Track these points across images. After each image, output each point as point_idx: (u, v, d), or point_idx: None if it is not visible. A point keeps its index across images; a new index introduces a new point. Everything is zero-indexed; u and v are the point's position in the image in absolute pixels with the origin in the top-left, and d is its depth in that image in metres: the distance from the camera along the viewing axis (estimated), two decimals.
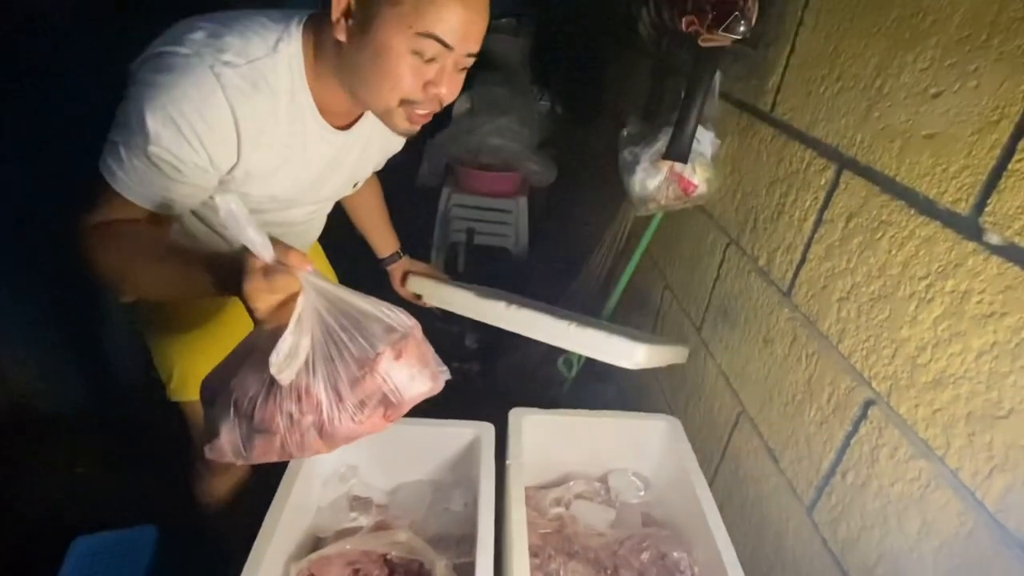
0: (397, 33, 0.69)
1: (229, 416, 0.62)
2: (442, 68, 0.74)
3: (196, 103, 0.69)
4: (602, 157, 1.83)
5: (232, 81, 0.70)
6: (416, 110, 0.77)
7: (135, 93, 0.69)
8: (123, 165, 0.70)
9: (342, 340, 0.60)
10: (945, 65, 0.68)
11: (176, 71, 0.68)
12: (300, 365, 0.58)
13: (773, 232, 1.02)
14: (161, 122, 0.68)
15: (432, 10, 0.68)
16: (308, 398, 0.59)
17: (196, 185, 0.76)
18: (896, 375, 0.72)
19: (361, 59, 0.72)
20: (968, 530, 0.61)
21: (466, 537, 0.96)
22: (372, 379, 0.60)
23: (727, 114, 1.20)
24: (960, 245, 0.65)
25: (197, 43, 0.70)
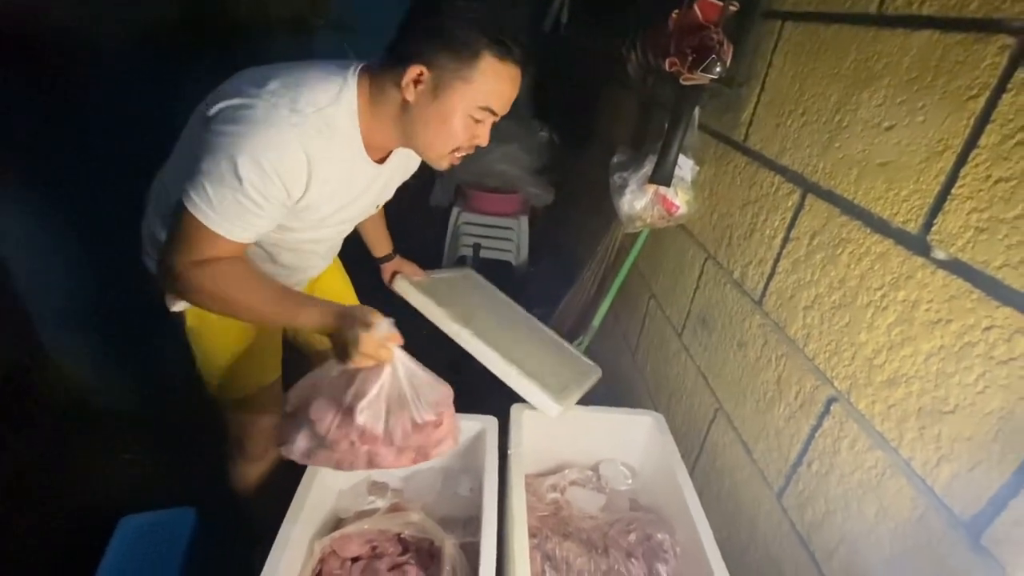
0: (462, 103, 0.80)
1: (306, 429, 0.77)
2: (485, 126, 0.85)
3: (279, 149, 0.74)
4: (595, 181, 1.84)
5: (305, 129, 0.75)
6: (458, 155, 0.88)
7: (221, 143, 0.73)
8: (213, 206, 0.74)
9: (405, 402, 0.77)
10: (897, 102, 0.70)
11: (258, 122, 0.73)
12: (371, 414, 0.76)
13: (746, 248, 1.03)
14: (251, 167, 0.72)
15: (495, 90, 0.81)
16: (369, 435, 0.75)
17: (273, 216, 0.81)
18: (855, 375, 0.73)
19: (426, 117, 0.81)
20: (920, 513, 0.62)
21: (472, 519, 0.96)
22: (417, 437, 0.78)
23: (705, 144, 1.21)
24: (910, 260, 0.66)
25: (274, 95, 0.75)
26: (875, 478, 0.68)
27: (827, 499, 0.77)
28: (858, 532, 0.70)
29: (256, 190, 0.74)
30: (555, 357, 1.35)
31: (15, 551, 1.30)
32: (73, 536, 1.31)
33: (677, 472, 1.00)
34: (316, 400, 0.77)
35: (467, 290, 1.44)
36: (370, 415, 0.75)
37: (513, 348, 1.17)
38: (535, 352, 1.28)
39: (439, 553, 0.90)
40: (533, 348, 1.31)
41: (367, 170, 0.90)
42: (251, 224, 0.78)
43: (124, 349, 1.80)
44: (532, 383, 1.07)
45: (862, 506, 0.70)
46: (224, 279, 0.77)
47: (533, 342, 1.36)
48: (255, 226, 0.78)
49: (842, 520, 0.74)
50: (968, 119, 0.60)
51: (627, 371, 1.61)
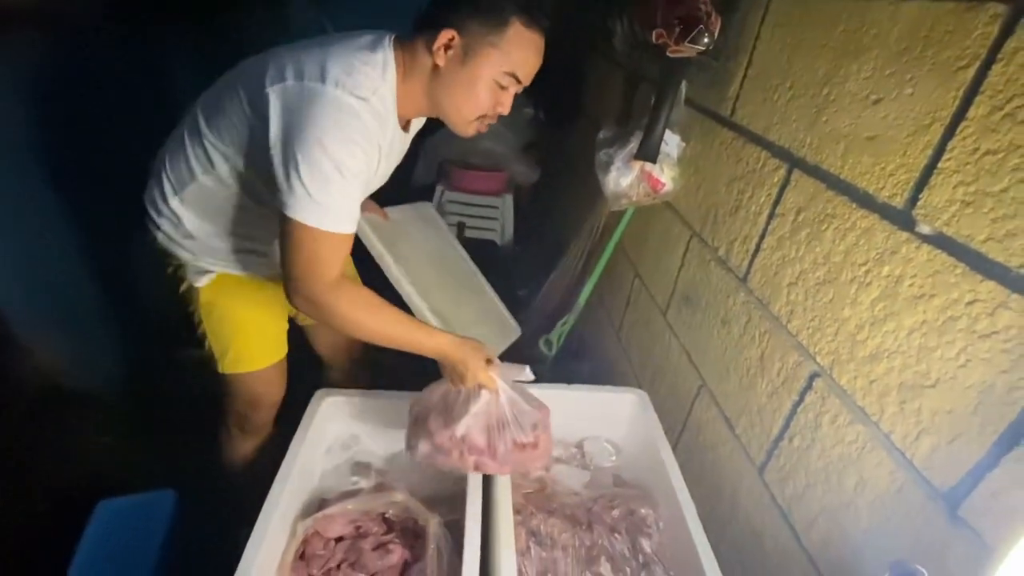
0: (491, 68, 0.83)
1: (426, 438, 0.88)
2: (509, 94, 0.87)
3: (359, 125, 0.78)
4: (580, 158, 1.82)
5: (371, 114, 0.80)
6: (483, 122, 0.90)
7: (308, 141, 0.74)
8: (322, 207, 0.76)
9: (507, 424, 0.87)
10: (885, 74, 0.69)
11: (333, 110, 0.75)
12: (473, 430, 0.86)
13: (731, 225, 1.02)
14: (343, 146, 0.75)
15: (521, 57, 0.83)
16: (475, 448, 0.86)
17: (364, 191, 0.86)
18: (838, 350, 0.73)
19: (456, 82, 0.84)
20: (899, 486, 0.62)
21: (457, 497, 0.96)
22: (517, 455, 0.86)
23: (692, 119, 1.20)
24: (895, 235, 0.66)
25: (340, 79, 0.77)
26: (855, 452, 0.69)
27: (808, 473, 0.77)
28: (837, 505, 0.71)
29: (352, 172, 0.77)
30: (480, 310, 1.45)
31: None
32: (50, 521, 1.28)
33: (660, 448, 1.00)
34: (433, 414, 0.89)
35: (419, 232, 1.50)
36: (471, 430, 0.85)
37: (448, 304, 1.27)
38: (465, 307, 1.38)
39: (424, 532, 0.90)
40: (464, 301, 1.40)
41: (399, 139, 0.93)
42: (353, 212, 0.81)
43: (98, 332, 1.75)
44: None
45: (842, 479, 0.71)
46: (370, 304, 0.84)
47: (465, 295, 1.45)
48: (355, 211, 0.82)
49: (822, 493, 0.74)
50: (957, 90, 0.59)
51: (612, 349, 1.62)
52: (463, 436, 0.85)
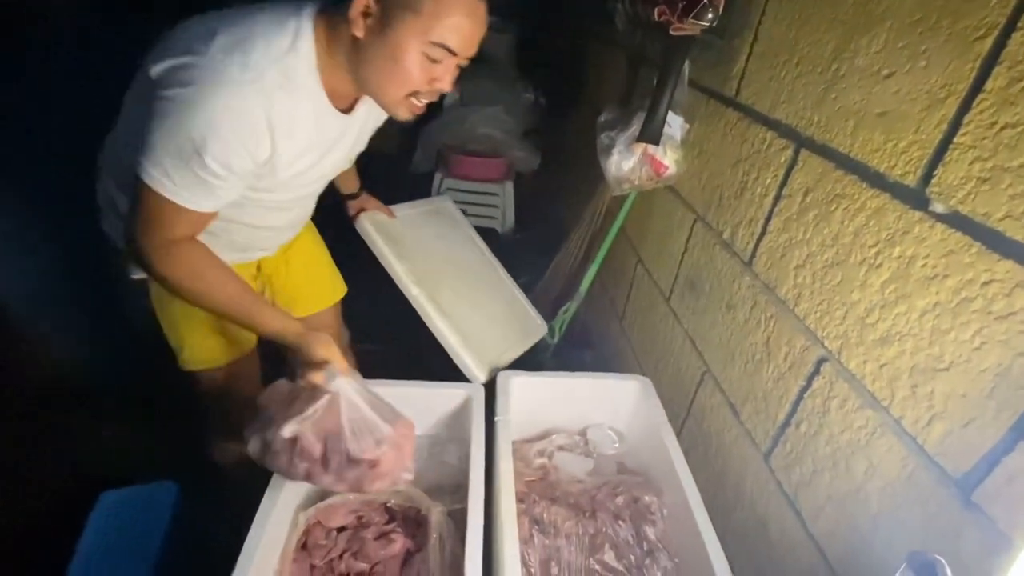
0: (413, 38, 0.71)
1: (260, 434, 0.78)
2: (446, 67, 0.76)
3: (235, 111, 0.67)
4: (581, 143, 1.79)
5: (261, 85, 0.69)
6: (417, 101, 0.79)
7: (172, 110, 0.66)
8: (170, 176, 0.69)
9: (344, 435, 0.75)
10: (898, 47, 0.66)
11: (209, 83, 0.66)
12: (303, 431, 0.75)
13: (736, 208, 1.00)
14: (208, 134, 0.66)
15: (447, 23, 0.71)
16: (307, 455, 0.75)
17: (241, 181, 0.75)
18: (847, 334, 0.72)
19: (377, 55, 0.73)
20: (909, 472, 0.61)
21: (459, 486, 0.95)
22: (353, 471, 0.76)
23: (695, 100, 1.17)
24: (907, 215, 0.63)
25: (223, 50, 0.67)
26: (864, 437, 0.68)
27: (815, 459, 0.76)
28: (845, 491, 0.70)
29: (217, 161, 0.69)
30: (504, 312, 1.39)
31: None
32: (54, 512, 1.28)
33: (664, 435, 0.99)
34: (272, 408, 0.78)
35: (432, 229, 1.43)
36: (305, 435, 0.74)
37: (462, 305, 1.21)
38: (484, 306, 1.32)
39: (426, 521, 0.89)
40: (484, 300, 1.34)
41: (334, 123, 0.83)
42: (215, 193, 0.73)
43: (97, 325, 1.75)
44: (464, 352, 1.14)
45: (850, 465, 0.70)
46: (193, 269, 0.75)
47: (485, 293, 1.39)
48: (220, 195, 0.74)
49: (830, 480, 0.73)
50: (974, 62, 0.56)
51: (614, 336, 1.60)
52: (295, 439, 0.75)
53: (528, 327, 1.43)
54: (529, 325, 1.44)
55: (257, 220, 0.94)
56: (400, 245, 1.23)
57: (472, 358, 1.15)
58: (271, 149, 0.74)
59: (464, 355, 1.15)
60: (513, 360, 1.24)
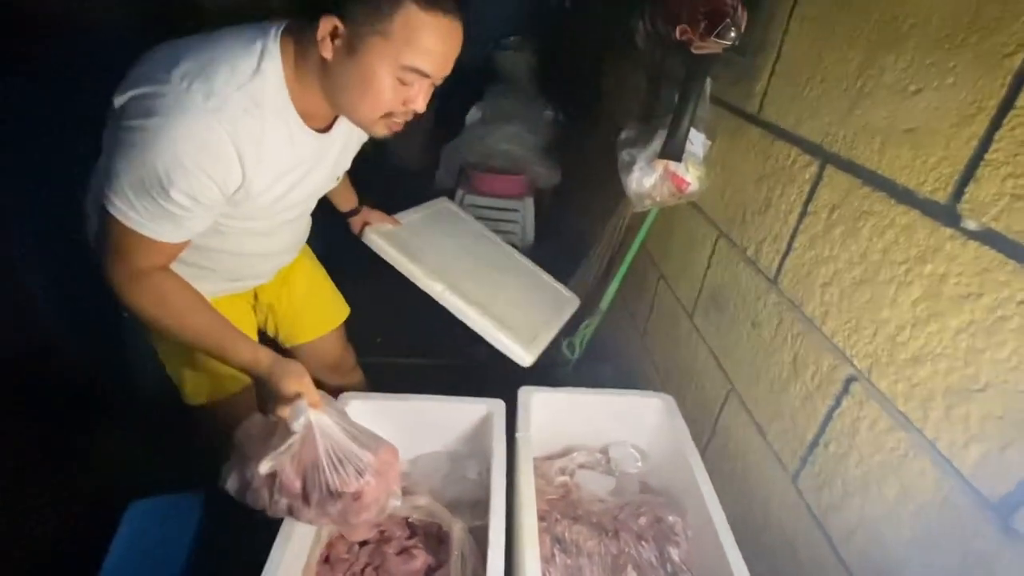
0: (383, 62, 0.68)
1: (237, 471, 0.75)
2: (419, 89, 0.74)
3: (199, 142, 0.65)
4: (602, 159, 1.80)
5: (226, 113, 0.66)
6: (392, 121, 0.77)
7: (134, 139, 0.64)
8: (135, 208, 0.67)
9: (322, 468, 0.72)
10: (925, 64, 0.66)
11: (172, 113, 0.64)
12: (280, 465, 0.71)
13: (760, 224, 0.99)
14: (172, 167, 0.64)
15: (418, 48, 0.68)
16: (288, 490, 0.72)
17: (209, 212, 0.74)
18: (877, 353, 0.70)
19: (347, 78, 0.71)
20: (944, 495, 0.59)
21: (480, 502, 0.95)
22: (333, 505, 0.73)
23: (717, 117, 1.17)
24: (938, 232, 0.63)
25: (185, 78, 0.65)
26: (896, 460, 0.66)
27: (845, 481, 0.74)
28: (878, 515, 0.68)
29: (183, 193, 0.67)
30: (532, 292, 1.39)
31: (28, 535, 1.31)
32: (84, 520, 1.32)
33: (688, 454, 0.98)
34: (248, 444, 0.75)
35: (440, 229, 1.43)
36: (284, 470, 0.72)
37: (488, 292, 1.20)
38: (511, 290, 1.32)
39: (447, 537, 0.89)
40: (509, 284, 1.34)
41: (310, 142, 0.80)
42: (183, 225, 0.71)
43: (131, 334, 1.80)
44: (505, 335, 1.12)
45: (882, 488, 0.68)
46: (162, 299, 0.73)
47: (509, 278, 1.39)
48: (188, 226, 0.72)
49: (861, 503, 0.71)
50: (1004, 78, 0.56)
51: (636, 353, 1.59)
52: (274, 475, 0.72)
53: (560, 301, 1.41)
54: (560, 299, 1.42)
55: (244, 248, 0.91)
56: (412, 249, 1.23)
57: (512, 339, 1.14)
58: (241, 177, 0.72)
59: (503, 337, 1.13)
60: (554, 335, 1.24)
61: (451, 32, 0.70)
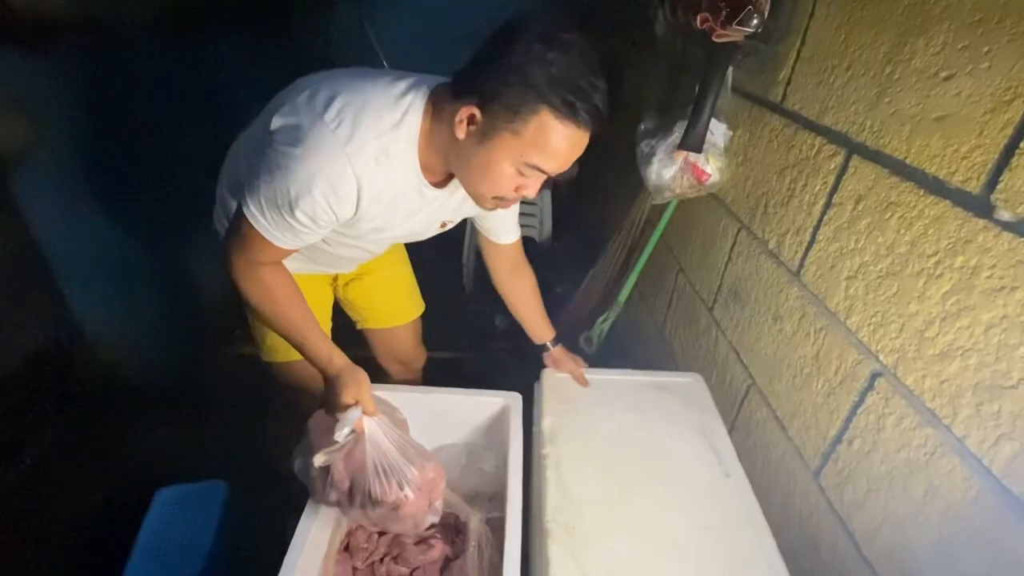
0: (509, 156, 0.73)
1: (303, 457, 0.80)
2: (535, 180, 0.78)
3: (330, 179, 0.73)
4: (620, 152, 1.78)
5: (359, 158, 0.74)
6: (504, 201, 0.82)
7: (279, 162, 0.74)
8: (264, 215, 0.77)
9: (369, 476, 0.76)
10: (957, 48, 0.63)
11: (314, 148, 0.72)
12: (336, 467, 0.77)
13: (783, 216, 0.97)
14: (302, 194, 0.73)
15: (545, 151, 0.72)
16: (337, 487, 0.77)
17: (322, 231, 0.82)
18: (903, 348, 0.69)
19: (472, 160, 0.76)
20: (974, 494, 0.58)
21: (497, 494, 0.96)
22: (375, 510, 0.77)
23: (739, 107, 1.15)
24: (970, 223, 0.61)
25: (335, 118, 0.73)
26: (924, 457, 0.64)
27: (869, 478, 0.73)
28: (903, 513, 0.67)
29: (305, 215, 0.76)
30: None
31: (58, 522, 1.36)
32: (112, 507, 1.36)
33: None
34: (313, 433, 0.81)
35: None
36: (336, 467, 0.77)
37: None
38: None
39: (465, 528, 0.90)
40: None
41: (425, 192, 0.86)
42: (300, 237, 0.81)
43: (158, 327, 1.85)
44: None
45: (908, 486, 0.66)
46: (267, 290, 0.83)
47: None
48: (304, 238, 0.82)
49: (885, 500, 0.70)
50: None
51: (654, 347, 1.58)
52: (328, 470, 0.78)
53: None
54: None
55: (339, 251, 1.00)
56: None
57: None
58: (355, 210, 0.80)
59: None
60: None
61: (579, 140, 0.73)
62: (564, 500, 0.85)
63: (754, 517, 0.84)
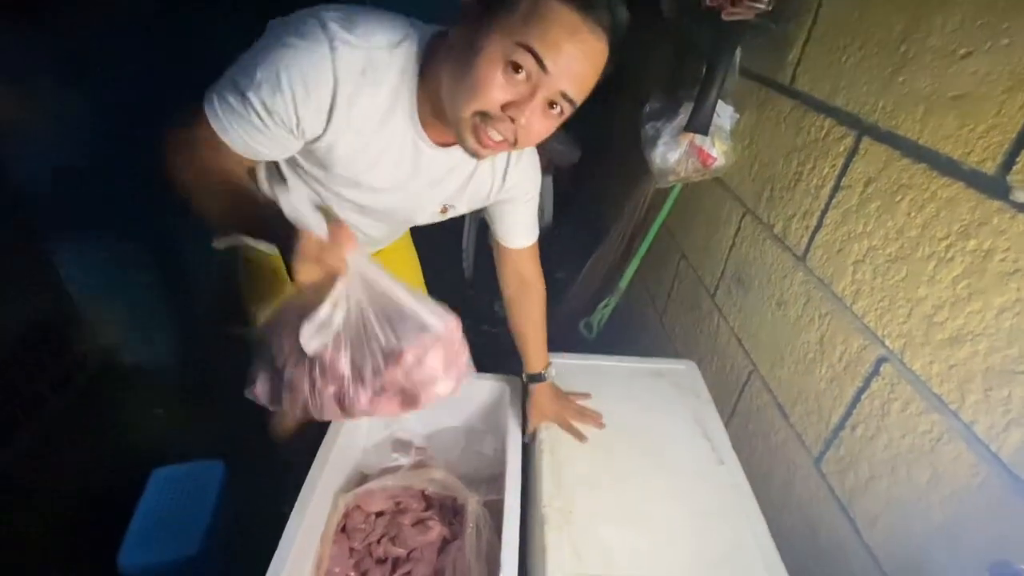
0: (499, 38, 0.61)
1: (267, 368, 0.61)
2: (528, 93, 0.63)
3: (304, 67, 0.65)
4: (624, 135, 1.76)
5: (344, 59, 0.66)
6: (487, 129, 0.66)
7: (260, 43, 0.67)
8: (222, 100, 0.67)
9: (374, 329, 0.57)
10: (976, 25, 0.62)
11: (298, 35, 0.65)
12: (328, 340, 0.56)
13: (789, 200, 0.96)
14: (268, 74, 0.65)
15: (539, 25, 0.60)
16: (332, 372, 0.57)
17: (277, 141, 0.71)
18: (911, 333, 0.67)
19: (458, 55, 0.65)
20: (980, 481, 0.57)
21: (496, 477, 0.95)
22: (392, 372, 0.58)
23: (746, 88, 1.13)
24: (984, 204, 0.59)
25: (328, 17, 0.67)
26: (929, 443, 0.64)
27: (871, 464, 0.72)
28: (906, 499, 0.66)
29: (261, 101, 0.66)
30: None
31: (53, 502, 1.36)
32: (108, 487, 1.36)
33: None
34: (274, 336, 0.61)
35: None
36: (322, 344, 0.57)
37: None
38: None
39: (463, 510, 0.89)
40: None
41: (421, 145, 0.77)
42: (247, 133, 0.69)
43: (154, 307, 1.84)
44: None
45: (912, 472, 0.66)
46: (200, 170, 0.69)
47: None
48: (251, 139, 0.70)
49: (888, 486, 0.69)
50: None
51: (655, 333, 1.57)
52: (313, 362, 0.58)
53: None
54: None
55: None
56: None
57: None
58: (323, 127, 0.71)
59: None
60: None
61: (584, 40, 0.61)
62: (559, 485, 0.85)
63: (747, 504, 0.83)
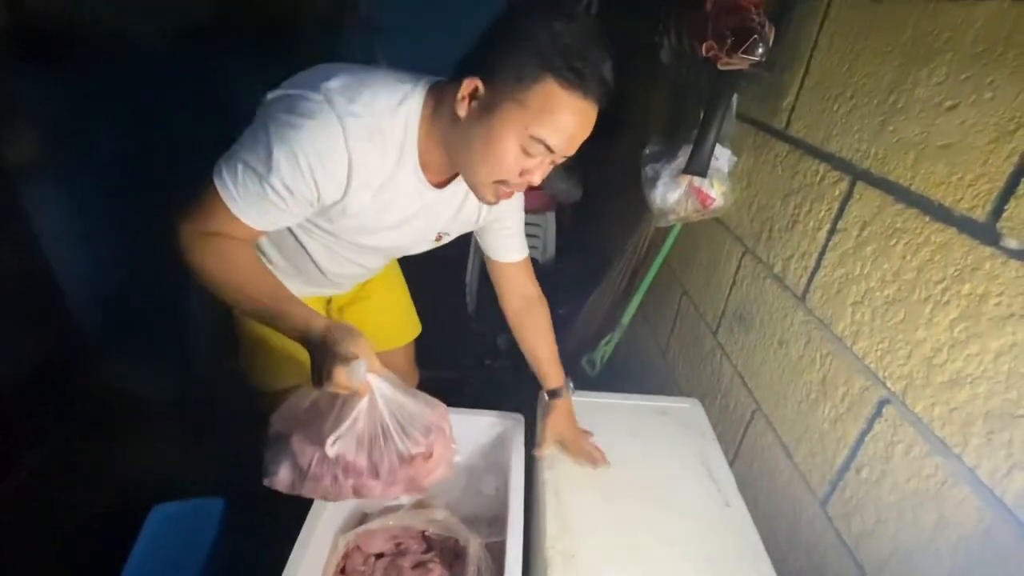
0: (513, 128, 0.69)
1: (289, 462, 0.71)
2: (540, 162, 0.74)
3: (319, 147, 0.69)
4: (625, 175, 1.80)
5: (354, 132, 0.70)
6: (504, 189, 0.76)
7: (266, 127, 0.69)
8: (237, 182, 0.70)
9: (390, 434, 0.69)
10: (960, 79, 0.64)
11: (307, 115, 0.69)
12: (350, 445, 0.68)
13: (788, 241, 0.98)
14: (285, 157, 0.68)
15: (550, 121, 0.68)
16: (353, 469, 0.69)
17: (296, 213, 0.76)
18: (911, 375, 0.68)
19: (474, 137, 0.72)
20: (986, 527, 0.57)
21: (497, 518, 0.94)
22: (406, 470, 0.70)
23: (743, 132, 1.16)
24: (977, 250, 0.61)
25: (332, 92, 0.70)
26: (934, 487, 0.63)
27: (878, 508, 0.72)
28: (914, 544, 0.65)
29: (283, 184, 0.70)
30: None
31: (52, 537, 1.33)
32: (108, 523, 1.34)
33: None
34: (297, 430, 0.71)
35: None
36: (346, 447, 0.68)
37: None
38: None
39: (464, 552, 0.88)
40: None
41: (421, 189, 0.82)
42: (268, 214, 0.74)
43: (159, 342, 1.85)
44: None
45: (918, 516, 0.65)
46: (227, 260, 0.73)
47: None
48: (273, 217, 0.75)
49: (895, 531, 0.68)
50: None
51: (657, 370, 1.57)
52: (337, 456, 0.68)
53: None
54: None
55: (332, 267, 0.96)
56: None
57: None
58: (342, 192, 0.75)
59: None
60: None
61: (585, 114, 0.70)
62: (564, 527, 0.84)
63: (754, 547, 0.82)
